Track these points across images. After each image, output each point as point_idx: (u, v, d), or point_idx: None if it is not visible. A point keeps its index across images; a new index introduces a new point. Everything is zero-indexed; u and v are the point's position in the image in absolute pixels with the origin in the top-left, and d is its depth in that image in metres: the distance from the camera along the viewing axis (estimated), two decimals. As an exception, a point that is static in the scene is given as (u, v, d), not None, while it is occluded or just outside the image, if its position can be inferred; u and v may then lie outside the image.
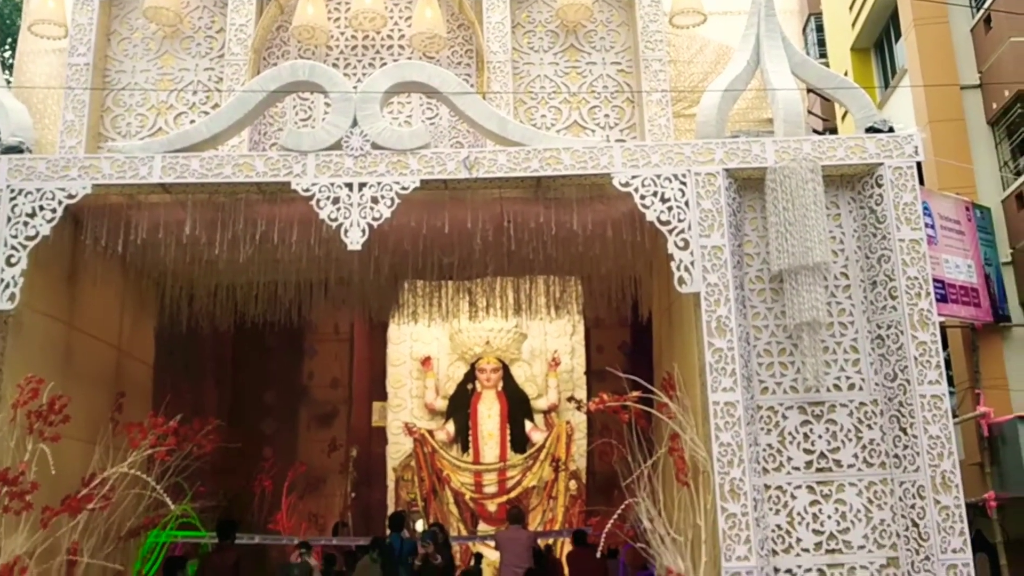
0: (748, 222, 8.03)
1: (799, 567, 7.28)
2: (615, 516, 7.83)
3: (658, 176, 7.80)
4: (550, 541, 12.84)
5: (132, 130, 9.29)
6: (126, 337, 9.87)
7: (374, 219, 7.71)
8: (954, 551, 7.18)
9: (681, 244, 7.67)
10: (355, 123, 7.93)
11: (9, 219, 7.68)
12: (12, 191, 7.73)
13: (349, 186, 7.78)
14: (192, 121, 9.00)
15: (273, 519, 12.42)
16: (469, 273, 10.25)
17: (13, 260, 7.60)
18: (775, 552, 7.28)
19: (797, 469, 7.49)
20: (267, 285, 10.19)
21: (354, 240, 7.68)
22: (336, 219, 7.71)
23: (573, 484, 14.27)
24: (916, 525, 7.28)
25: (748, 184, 8.01)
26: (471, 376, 14.84)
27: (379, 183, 7.79)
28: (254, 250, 8.45)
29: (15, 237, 7.66)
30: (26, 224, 7.68)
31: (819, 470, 7.49)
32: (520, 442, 14.57)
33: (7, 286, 7.54)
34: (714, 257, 7.63)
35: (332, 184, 7.78)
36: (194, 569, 9.91)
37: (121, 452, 8.42)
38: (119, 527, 8.66)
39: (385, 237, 8.39)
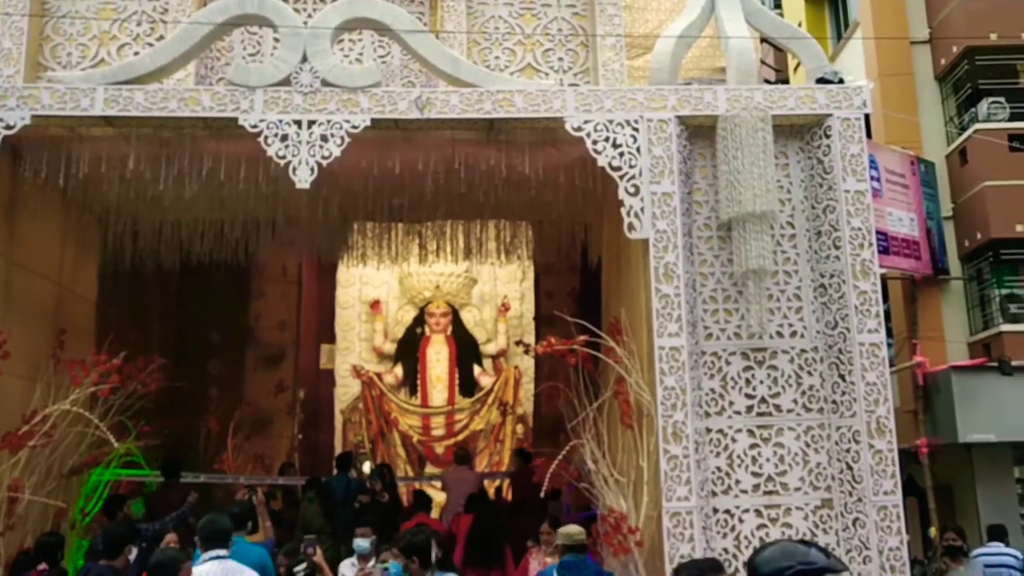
0: (698, 170, 8.08)
1: (737, 507, 7.49)
2: (559, 456, 7.95)
3: (610, 122, 7.79)
4: (498, 483, 13.01)
5: (73, 60, 8.97)
6: (68, 273, 9.65)
7: (323, 158, 7.60)
8: (885, 493, 7.44)
9: (631, 190, 7.70)
10: (305, 59, 7.76)
11: (-57, 149, 7.44)
12: (-55, 120, 7.47)
13: (298, 123, 7.64)
14: (136, 53, 8.73)
15: (219, 459, 12.39)
16: (419, 216, 10.20)
17: (-53, 191, 7.38)
18: (715, 493, 7.48)
19: (738, 413, 7.67)
20: (213, 223, 10.01)
21: (303, 179, 7.56)
22: (284, 157, 7.58)
23: (520, 428, 14.45)
24: (850, 468, 7.52)
25: (699, 132, 8.05)
26: (420, 320, 14.86)
27: (329, 121, 7.66)
28: (200, 187, 8.29)
29: (-51, 168, 7.42)
30: (-39, 154, 7.45)
31: (759, 414, 7.68)
32: (468, 386, 14.67)
33: (-59, 218, 7.33)
34: (663, 204, 7.68)
35: (280, 121, 7.63)
36: (139, 507, 9.88)
37: (63, 389, 8.29)
38: (61, 464, 8.57)
39: (335, 177, 8.28)
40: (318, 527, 9.13)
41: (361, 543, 6.53)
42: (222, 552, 5.50)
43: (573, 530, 6.76)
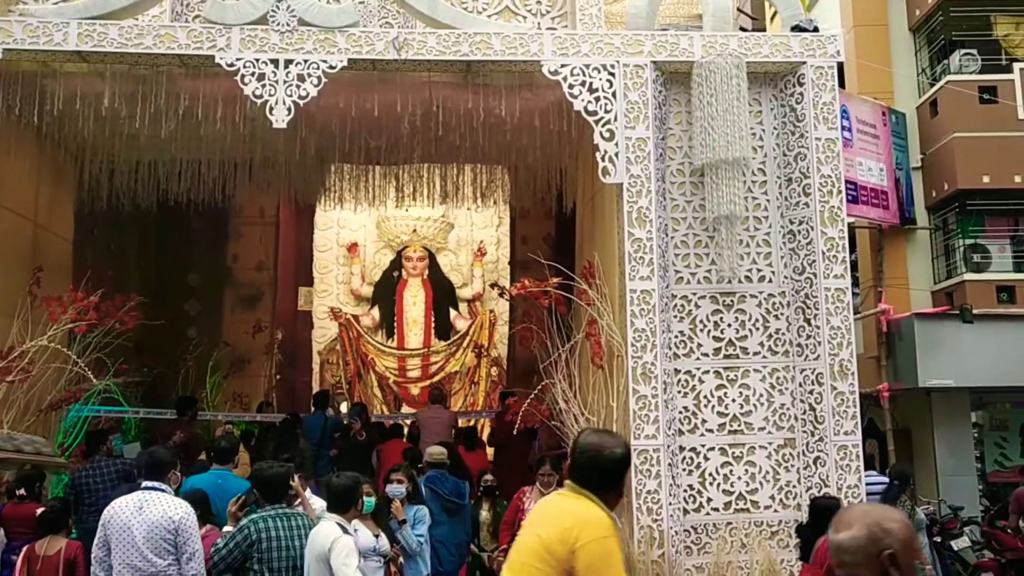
0: (672, 116, 8.18)
1: (703, 446, 7.75)
2: (531, 395, 8.14)
3: (587, 66, 7.85)
4: (471, 422, 13.26)
5: (45, -6, 8.85)
6: (43, 211, 9.64)
7: (300, 98, 7.61)
8: (846, 433, 7.71)
9: (607, 135, 7.79)
10: (282, -2, 7.74)
11: (-85, 83, 7.38)
12: (-83, 53, 7.40)
13: (275, 62, 7.64)
14: (110, -13, 8.61)
15: (198, 397, 12.52)
16: (396, 158, 10.24)
17: (-79, 126, 7.34)
18: (681, 432, 7.72)
19: (706, 355, 7.88)
20: (191, 163, 10.00)
21: (279, 118, 7.58)
22: (261, 96, 7.59)
23: (495, 370, 14.68)
24: (813, 409, 7.78)
25: (674, 78, 8.13)
26: (397, 264, 14.96)
27: (305, 61, 7.66)
28: (177, 126, 8.30)
29: (-78, 102, 7.38)
30: (-67, 89, 7.40)
31: (727, 356, 7.90)
32: (444, 329, 14.85)
33: (-85, 153, 7.30)
34: (638, 149, 7.79)
35: (257, 60, 7.63)
36: (131, 438, 10.08)
37: (40, 326, 8.36)
38: (39, 400, 8.66)
39: (312, 118, 8.31)
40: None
41: (397, 488, 6.71)
42: (159, 484, 5.34)
43: (435, 451, 8.15)
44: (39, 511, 6.57)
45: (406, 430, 11.31)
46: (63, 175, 10.01)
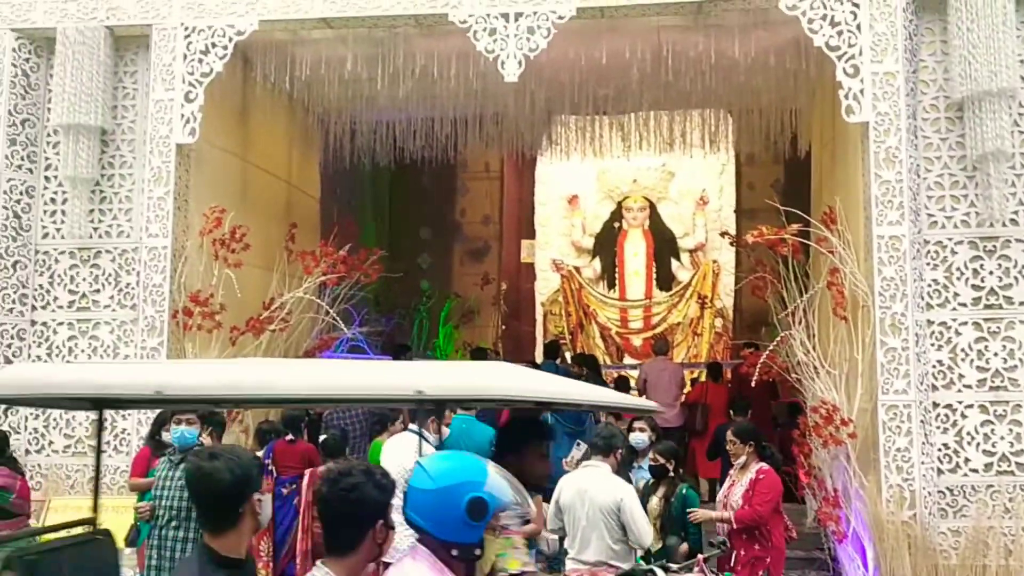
0: (925, 46, 7.53)
1: (960, 403, 7.20)
2: (770, 348, 7.88)
3: (828, -2, 7.37)
4: (695, 374, 13.08)
5: (292, -35, 9.39)
6: (295, 172, 10.37)
7: (530, 50, 7.66)
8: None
9: (851, 71, 7.30)
10: (511, -50, 7.78)
11: (185, 56, 8.07)
12: (187, 29, 8.09)
13: (505, 16, 7.72)
14: (349, -45, 9.01)
15: (431, 345, 13.14)
16: (623, 107, 10.12)
17: (191, 96, 8.04)
18: (935, 387, 7.22)
19: (964, 305, 7.29)
20: (424, 121, 10.37)
21: (510, 72, 7.67)
22: (492, 51, 7.71)
23: (719, 321, 14.37)
24: (1089, 364, 7.03)
25: (927, 4, 7.47)
26: (618, 215, 14.90)
27: (535, 12, 7.68)
28: (413, 85, 8.60)
29: (191, 74, 8.06)
30: (200, 61, 8.06)
31: (988, 307, 7.26)
32: (666, 280, 14.69)
33: (187, 121, 8.02)
34: (886, 84, 7.24)
35: (488, 15, 7.74)
36: None
37: (296, 279, 9.03)
38: (296, 348, 9.39)
39: (540, 69, 8.35)
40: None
41: (640, 437, 6.80)
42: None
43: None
44: (321, 439, 7.17)
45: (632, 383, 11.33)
46: (310, 137, 10.70)
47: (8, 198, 8.25)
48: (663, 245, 14.74)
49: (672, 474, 6.31)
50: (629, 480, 6.02)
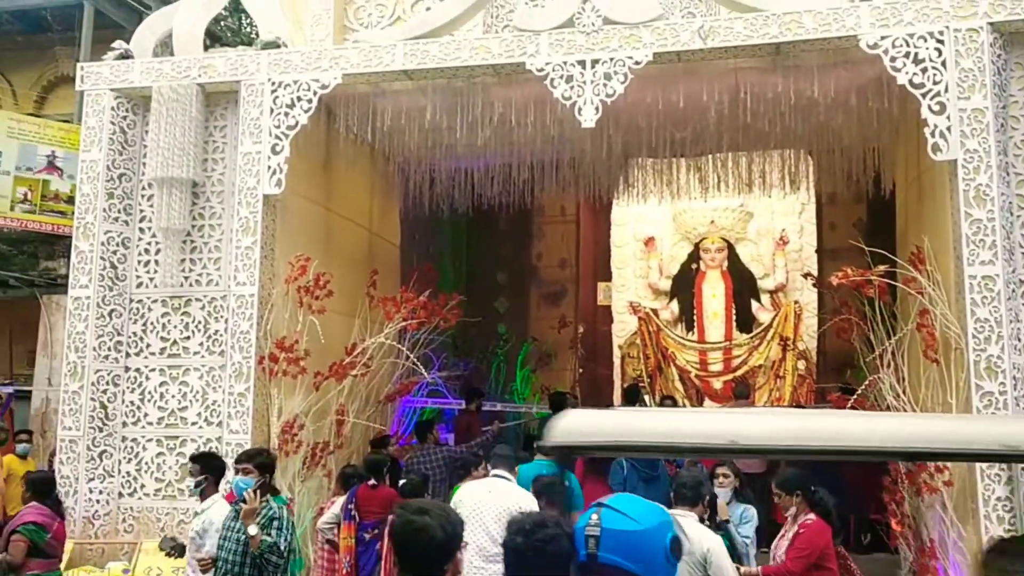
0: (1014, 81, 7.35)
1: (1062, 449, 6.88)
2: (858, 392, 7.68)
3: (911, 35, 7.26)
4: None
5: (373, 20, 9.67)
6: (376, 219, 10.59)
7: (607, 96, 7.72)
8: None
9: (936, 108, 7.16)
10: (586, -1, 7.89)
11: (272, 110, 8.36)
12: (273, 84, 8.39)
13: (582, 63, 7.80)
14: (428, 8, 9.25)
15: (509, 389, 13.16)
16: (701, 148, 10.08)
17: (278, 148, 8.31)
18: (1035, 432, 6.91)
19: (1063, 347, 7.00)
20: (503, 167, 10.48)
21: (588, 118, 7.73)
22: (570, 97, 7.79)
23: (802, 364, 14.02)
24: None
25: (1016, 39, 7.30)
26: (695, 256, 14.74)
27: (611, 59, 7.75)
28: (491, 132, 8.72)
29: (278, 127, 8.34)
30: (286, 114, 8.34)
31: (1091, 349, 6.96)
32: (746, 321, 14.42)
33: (274, 172, 8.28)
34: (974, 121, 7.08)
35: (565, 62, 7.83)
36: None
37: (377, 325, 9.17)
38: (378, 392, 9.51)
39: (618, 114, 8.39)
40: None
41: (723, 492, 6.69)
42: (504, 473, 6.27)
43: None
44: (401, 483, 7.30)
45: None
46: (391, 185, 10.93)
47: (105, 249, 8.61)
48: (742, 286, 14.50)
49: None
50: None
